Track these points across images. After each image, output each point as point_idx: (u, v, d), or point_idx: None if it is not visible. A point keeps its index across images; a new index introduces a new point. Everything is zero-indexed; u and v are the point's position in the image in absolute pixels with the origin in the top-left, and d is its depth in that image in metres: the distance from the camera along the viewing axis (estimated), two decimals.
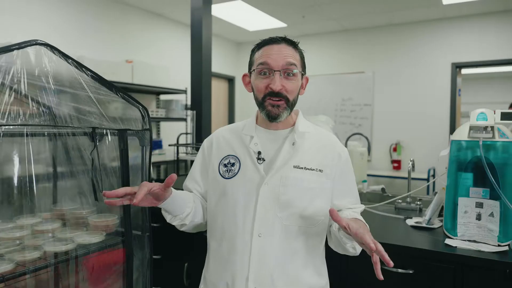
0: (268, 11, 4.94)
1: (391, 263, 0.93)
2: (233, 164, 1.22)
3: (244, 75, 1.28)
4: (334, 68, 5.96)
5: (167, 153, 4.75)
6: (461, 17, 5.06)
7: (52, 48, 1.00)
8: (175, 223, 1.25)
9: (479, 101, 8.25)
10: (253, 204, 1.16)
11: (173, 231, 2.21)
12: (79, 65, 1.06)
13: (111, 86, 1.15)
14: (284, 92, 1.16)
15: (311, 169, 1.18)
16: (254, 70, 1.19)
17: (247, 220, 1.16)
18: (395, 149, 5.45)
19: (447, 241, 1.63)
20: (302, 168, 1.18)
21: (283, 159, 1.19)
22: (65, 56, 1.04)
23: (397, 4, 4.65)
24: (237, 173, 1.20)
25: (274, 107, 1.16)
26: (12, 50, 0.93)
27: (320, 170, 1.19)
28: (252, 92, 1.24)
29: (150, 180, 1.36)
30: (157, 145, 4.88)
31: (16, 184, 1.23)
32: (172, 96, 5.09)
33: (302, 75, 1.23)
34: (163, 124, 5.16)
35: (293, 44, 1.21)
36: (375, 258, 0.97)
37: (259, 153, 1.20)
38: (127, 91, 3.82)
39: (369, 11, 4.92)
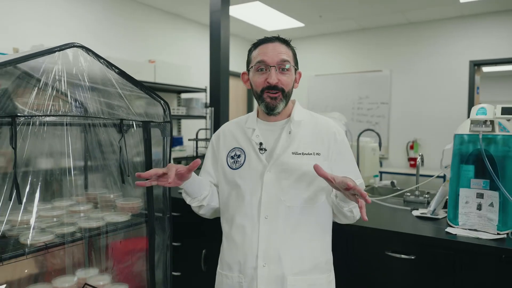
0: (285, 11, 5.06)
1: (369, 199, 1.06)
2: (239, 156, 1.36)
3: (243, 73, 1.41)
4: (351, 67, 6.02)
5: (188, 150, 4.93)
6: (478, 15, 5.04)
7: (87, 50, 1.16)
8: (194, 204, 1.40)
9: (498, 99, 8.11)
10: (258, 190, 1.30)
11: (192, 220, 2.37)
12: (109, 64, 1.22)
13: (136, 82, 1.30)
14: (280, 85, 1.29)
15: (308, 154, 1.31)
16: (252, 67, 1.33)
17: (254, 205, 1.30)
18: (412, 147, 5.47)
19: (448, 229, 1.72)
20: (300, 154, 1.31)
21: (281, 147, 1.32)
22: (98, 56, 1.20)
23: (414, 3, 4.69)
24: (243, 163, 1.35)
25: (272, 99, 1.29)
26: (54, 52, 1.09)
27: (317, 154, 1.32)
28: (251, 88, 1.37)
29: None
30: (178, 141, 5.07)
31: (53, 171, 1.40)
32: (193, 95, 5.27)
33: (296, 70, 1.36)
34: (183, 122, 5.35)
35: (286, 42, 1.34)
36: (361, 203, 1.09)
37: (261, 144, 1.34)
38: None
39: (386, 10, 4.97)
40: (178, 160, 5.09)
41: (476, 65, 5.09)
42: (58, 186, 1.51)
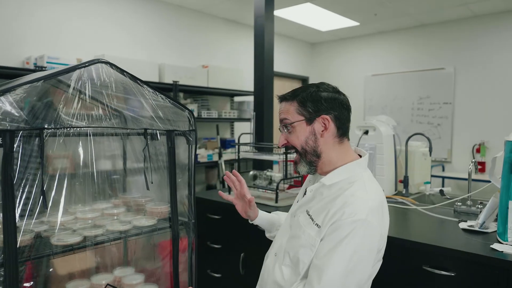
0: (338, 11, 4.94)
1: None
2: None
3: None
4: (411, 65, 5.71)
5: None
6: None
7: (111, 65, 1.24)
8: (267, 236, 1.58)
9: None
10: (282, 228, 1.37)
11: (231, 223, 2.41)
12: (133, 77, 1.29)
13: (160, 93, 1.36)
14: (289, 145, 1.23)
15: (313, 220, 1.15)
16: None
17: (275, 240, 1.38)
18: (478, 150, 5.06)
19: (495, 245, 1.57)
20: (309, 216, 1.18)
21: (303, 201, 1.26)
22: (122, 71, 1.27)
23: None
24: (298, 200, 1.35)
25: (295, 163, 1.25)
26: (80, 68, 1.18)
27: (317, 225, 1.13)
28: None
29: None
30: (231, 144, 5.18)
31: (93, 175, 1.50)
32: (245, 98, 5.35)
33: (310, 120, 1.18)
34: (236, 124, 5.45)
35: (285, 99, 1.22)
36: None
37: (306, 190, 1.29)
38: (203, 94, 4.13)
39: (448, 3, 4.64)
40: (231, 162, 5.20)
41: None
42: (97, 190, 1.63)
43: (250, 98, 5.32)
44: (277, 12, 4.71)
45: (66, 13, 3.74)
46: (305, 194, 1.27)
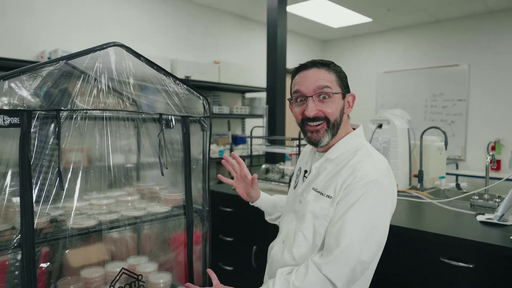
0: (350, 7, 4.89)
1: None
2: (298, 176, 1.36)
3: (289, 99, 1.32)
4: (424, 62, 5.64)
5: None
6: None
7: (127, 48, 1.23)
8: (268, 220, 1.57)
9: None
10: (289, 216, 1.33)
11: (244, 216, 2.40)
12: (149, 62, 1.28)
13: (176, 79, 1.35)
14: (321, 115, 1.15)
15: (322, 194, 1.16)
16: (291, 98, 1.24)
17: (281, 229, 1.36)
18: (493, 148, 4.97)
19: None
20: (319, 192, 1.18)
21: (308, 181, 1.25)
22: (138, 55, 1.26)
23: None
24: (296, 185, 1.34)
25: (314, 132, 1.17)
26: (96, 50, 1.17)
27: (328, 196, 1.14)
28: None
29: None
30: (242, 140, 5.17)
31: (109, 165, 1.50)
32: (256, 94, 5.33)
33: (344, 94, 1.20)
34: (247, 121, 5.44)
35: (326, 66, 1.19)
36: None
37: (306, 171, 1.29)
38: (214, 90, 4.11)
39: None
40: (242, 159, 5.18)
41: None
42: (113, 178, 1.63)
43: (262, 95, 5.30)
44: (289, 8, 4.69)
45: (79, 9, 3.77)
46: (304, 176, 1.29)
